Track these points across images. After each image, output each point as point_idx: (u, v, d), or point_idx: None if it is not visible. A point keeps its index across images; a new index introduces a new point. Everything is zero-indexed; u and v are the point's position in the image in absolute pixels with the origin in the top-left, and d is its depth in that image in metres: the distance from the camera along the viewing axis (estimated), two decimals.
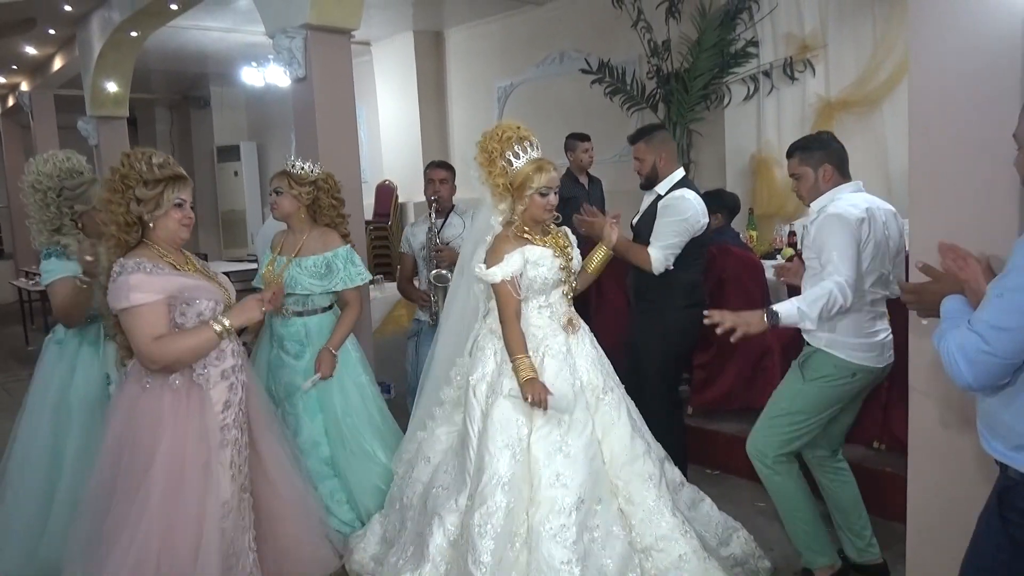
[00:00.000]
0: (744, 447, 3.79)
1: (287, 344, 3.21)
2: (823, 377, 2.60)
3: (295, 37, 4.49)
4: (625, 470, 2.56)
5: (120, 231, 2.27)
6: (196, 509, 2.24)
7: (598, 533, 2.45)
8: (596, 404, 2.62)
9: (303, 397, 3.16)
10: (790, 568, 2.95)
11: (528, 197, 2.57)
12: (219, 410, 2.34)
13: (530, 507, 2.46)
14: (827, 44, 5.44)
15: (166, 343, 2.19)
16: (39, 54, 9.37)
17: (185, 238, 2.37)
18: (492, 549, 2.38)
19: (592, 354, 2.70)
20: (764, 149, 5.70)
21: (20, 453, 3.01)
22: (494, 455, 2.48)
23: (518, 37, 7.85)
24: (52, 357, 3.07)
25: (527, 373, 2.48)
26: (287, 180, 3.17)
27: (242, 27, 8.25)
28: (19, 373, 7.15)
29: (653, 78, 6.02)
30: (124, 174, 2.25)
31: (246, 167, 11.78)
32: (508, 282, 2.56)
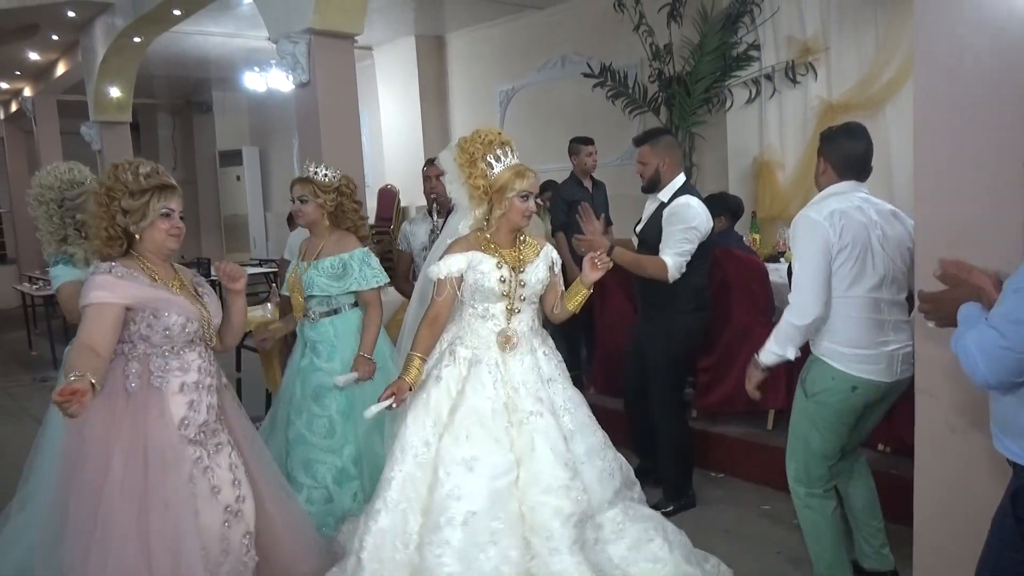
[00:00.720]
0: (748, 450, 3.82)
1: (319, 347, 3.22)
2: (823, 391, 2.51)
3: (299, 42, 4.51)
4: (534, 498, 2.44)
5: (104, 244, 2.23)
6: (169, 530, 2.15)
7: (493, 551, 2.37)
8: (518, 427, 2.50)
9: (336, 398, 3.17)
10: (800, 569, 2.94)
11: (508, 200, 2.53)
12: (176, 421, 2.24)
13: (423, 513, 2.44)
14: (829, 47, 5.45)
15: (73, 353, 2.09)
16: (42, 60, 9.39)
17: (173, 248, 2.31)
18: (373, 544, 2.43)
19: (527, 376, 2.58)
20: (766, 152, 5.71)
21: (42, 461, 3.01)
22: (399, 455, 2.51)
23: (519, 41, 7.86)
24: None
25: (407, 373, 2.50)
26: (312, 188, 3.19)
27: (244, 32, 8.27)
28: (22, 378, 7.17)
29: (655, 82, 6.03)
30: (110, 187, 2.21)
31: (248, 171, 11.81)
32: (441, 280, 2.56)
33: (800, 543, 3.07)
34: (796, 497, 2.64)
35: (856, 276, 2.44)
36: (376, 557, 2.42)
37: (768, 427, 3.92)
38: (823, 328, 2.51)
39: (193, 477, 2.25)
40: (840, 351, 2.47)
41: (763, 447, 3.77)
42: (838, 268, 2.44)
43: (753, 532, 3.26)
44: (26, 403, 6.26)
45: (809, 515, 2.63)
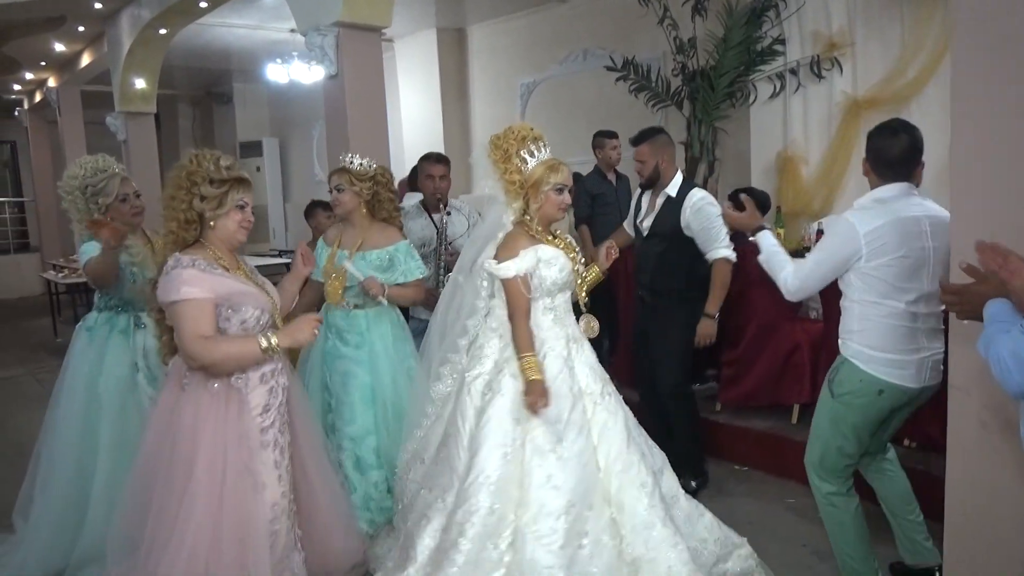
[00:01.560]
0: (772, 443, 3.84)
1: (347, 336, 3.24)
2: (849, 393, 2.49)
3: (327, 35, 4.55)
4: (619, 477, 2.51)
5: (180, 227, 2.28)
6: (241, 513, 2.24)
7: (587, 540, 2.41)
8: (593, 410, 2.59)
9: (359, 387, 3.19)
10: (825, 562, 2.97)
11: (544, 194, 2.59)
12: (257, 413, 2.33)
13: (518, 508, 2.44)
14: (855, 42, 5.42)
15: (211, 344, 2.18)
16: (67, 51, 9.49)
17: (243, 240, 2.38)
18: (468, 549, 2.39)
19: (590, 360, 2.69)
20: (790, 147, 5.68)
21: (52, 442, 3.08)
22: (485, 455, 2.48)
23: (541, 34, 7.86)
24: (82, 344, 3.14)
25: (533, 373, 2.51)
26: (348, 177, 3.22)
27: (267, 24, 8.33)
28: (49, 363, 7.27)
29: (678, 75, 6.01)
30: (191, 171, 2.27)
31: (268, 163, 11.88)
32: (520, 279, 2.57)
33: (826, 537, 3.10)
34: (818, 494, 2.65)
35: (899, 288, 2.40)
36: (472, 560, 2.41)
37: (793, 421, 3.94)
38: (854, 329, 2.50)
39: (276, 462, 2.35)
40: (869, 354, 2.45)
41: (787, 441, 3.78)
42: (878, 277, 2.40)
43: (778, 525, 3.28)
44: (52, 388, 6.36)
45: (832, 513, 2.63)
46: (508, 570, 2.41)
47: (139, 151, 8.52)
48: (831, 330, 3.67)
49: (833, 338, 3.64)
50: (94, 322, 3.16)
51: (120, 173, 3.16)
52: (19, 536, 3.13)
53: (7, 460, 4.49)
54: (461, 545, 2.41)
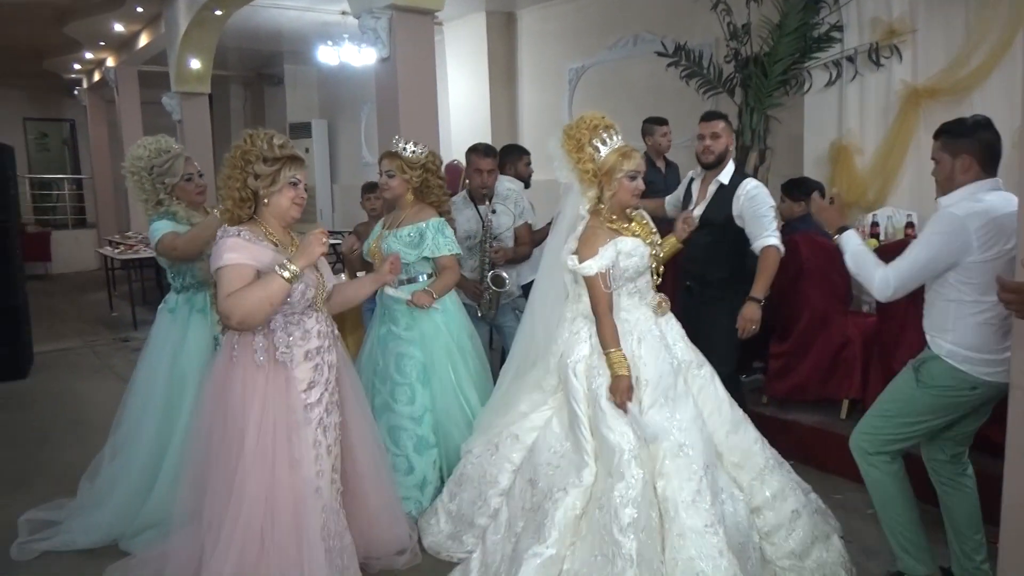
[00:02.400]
0: (820, 438, 3.80)
1: (396, 315, 3.30)
2: (941, 387, 2.48)
3: (380, 17, 4.58)
4: (729, 438, 2.70)
5: (235, 205, 2.35)
6: (290, 489, 2.30)
7: (725, 495, 2.59)
8: (692, 379, 2.73)
9: (414, 367, 3.24)
10: (873, 559, 2.93)
11: (617, 181, 2.64)
12: (302, 388, 2.38)
13: (657, 480, 2.53)
14: (916, 29, 5.27)
15: (236, 296, 2.22)
16: (126, 31, 9.70)
17: (296, 217, 2.43)
18: (635, 516, 2.43)
19: (678, 332, 2.81)
20: (845, 137, 5.56)
21: (134, 414, 3.20)
22: (617, 433, 2.54)
23: (591, 18, 7.80)
24: (165, 324, 3.26)
25: (620, 369, 2.57)
26: (400, 163, 3.25)
27: (318, 6, 8.41)
28: (105, 336, 7.51)
29: (731, 62, 5.92)
30: (245, 150, 2.33)
31: (317, 144, 12.03)
32: (602, 275, 2.62)
33: (875, 534, 3.08)
34: (859, 455, 2.63)
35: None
36: (644, 527, 2.43)
37: (842, 416, 3.89)
38: (948, 328, 2.46)
39: (316, 441, 2.39)
40: (965, 354, 2.43)
41: (836, 436, 3.73)
42: (982, 273, 2.36)
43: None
44: (109, 360, 6.57)
45: (877, 477, 2.62)
46: (665, 536, 2.45)
47: (193, 131, 8.70)
48: (884, 325, 3.63)
49: (886, 333, 3.61)
50: (175, 303, 3.27)
51: (183, 153, 3.25)
52: (80, 501, 3.25)
53: (68, 428, 4.67)
54: (627, 513, 2.42)
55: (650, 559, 2.41)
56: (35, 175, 13.88)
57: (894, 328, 3.56)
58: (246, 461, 2.26)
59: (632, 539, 2.40)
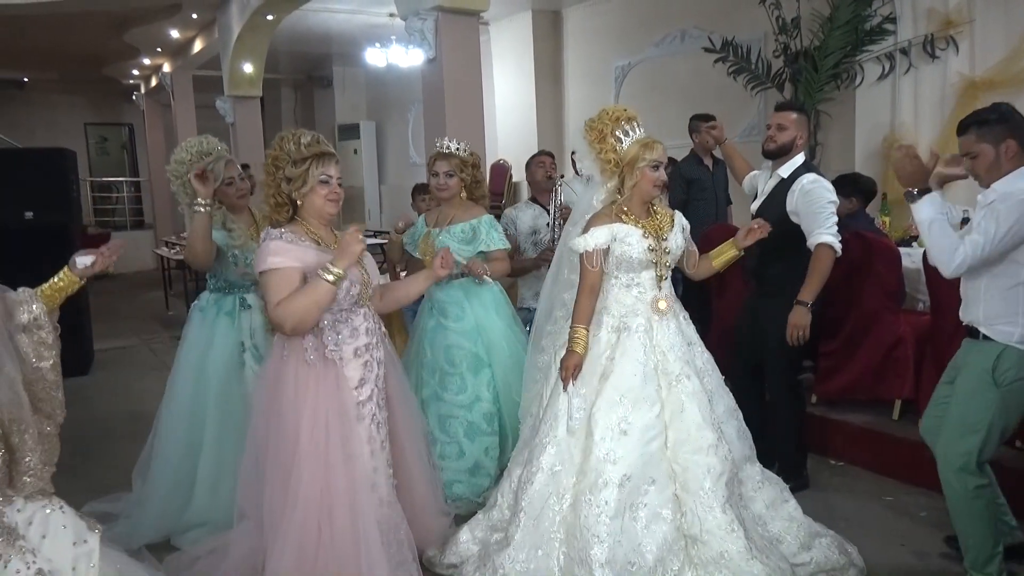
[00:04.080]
0: (871, 439, 3.71)
1: (449, 309, 3.38)
2: (1019, 379, 2.42)
3: (427, 19, 4.63)
4: (685, 458, 2.55)
5: (273, 211, 2.38)
6: (345, 484, 2.32)
7: (643, 513, 2.47)
8: (668, 389, 2.61)
9: (465, 357, 3.34)
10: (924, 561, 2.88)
11: (639, 171, 2.62)
12: (353, 386, 2.40)
13: (579, 474, 2.55)
14: (973, 19, 5.11)
15: (284, 305, 2.23)
16: (181, 37, 9.98)
17: (333, 213, 2.42)
18: (529, 503, 2.56)
19: (675, 340, 2.68)
20: (899, 131, 5.42)
21: (167, 413, 3.26)
22: (551, 420, 2.63)
23: (638, 15, 7.75)
24: (196, 322, 3.30)
25: (575, 345, 2.60)
26: (458, 163, 3.36)
27: (367, 8, 8.52)
28: (161, 334, 7.74)
29: (780, 56, 5.83)
30: (275, 156, 2.35)
31: (365, 145, 12.20)
32: (591, 253, 2.63)
33: (926, 536, 3.01)
34: (964, 488, 2.50)
35: None
36: (532, 515, 2.57)
37: (894, 417, 3.79)
38: (1019, 311, 2.41)
39: (371, 437, 2.43)
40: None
41: (888, 437, 3.65)
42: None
43: (874, 522, 3.18)
44: (165, 358, 6.76)
45: (978, 506, 2.50)
46: (568, 530, 2.53)
47: (246, 133, 8.90)
48: (939, 323, 3.53)
49: (940, 332, 3.51)
50: (206, 302, 3.31)
51: (224, 155, 3.23)
52: (135, 496, 3.33)
53: (127, 423, 4.83)
54: (524, 501, 2.59)
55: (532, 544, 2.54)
56: (95, 178, 14.37)
57: (948, 327, 3.45)
58: (301, 459, 2.29)
59: (522, 515, 2.56)
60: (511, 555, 2.55)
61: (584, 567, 2.43)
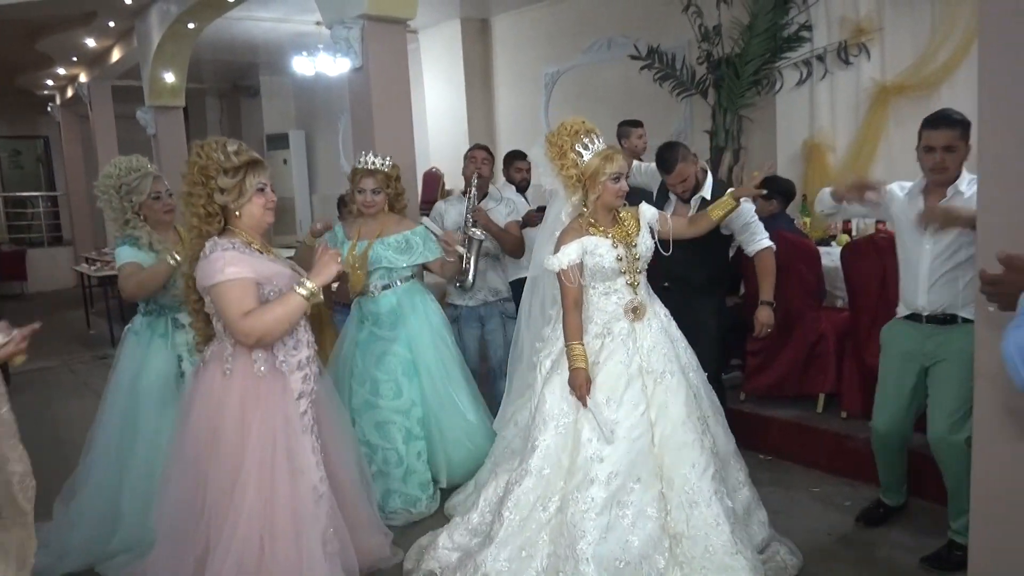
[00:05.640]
0: (797, 433, 3.83)
1: (382, 318, 3.43)
2: None
3: (352, 27, 4.58)
4: (671, 454, 2.62)
5: (202, 222, 2.28)
6: (290, 497, 2.28)
7: (629, 511, 2.53)
8: (653, 387, 2.68)
9: (400, 363, 3.39)
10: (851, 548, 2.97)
11: (602, 184, 2.67)
12: (294, 398, 2.36)
13: (567, 475, 2.60)
14: (883, 27, 5.35)
15: (256, 316, 2.18)
16: (98, 46, 9.62)
17: (271, 221, 2.38)
18: (518, 507, 2.61)
19: (657, 338, 2.75)
20: (817, 135, 5.63)
21: (97, 437, 3.19)
22: (540, 425, 2.68)
23: (565, 23, 7.84)
24: (130, 346, 3.24)
25: (577, 362, 2.63)
26: (383, 178, 3.42)
27: (293, 17, 8.38)
28: (82, 355, 7.45)
29: (703, 63, 5.98)
30: (203, 166, 2.25)
31: (294, 155, 11.97)
32: (566, 271, 2.68)
33: (850, 524, 3.14)
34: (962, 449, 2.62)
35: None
36: (519, 517, 2.61)
37: (818, 410, 3.93)
38: None
39: (314, 447, 2.38)
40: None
41: (813, 430, 3.78)
42: None
43: (803, 514, 3.28)
44: (87, 379, 6.52)
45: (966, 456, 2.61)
46: (554, 531, 2.57)
47: (168, 145, 8.64)
48: (857, 319, 3.67)
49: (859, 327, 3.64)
50: (140, 326, 3.25)
51: (153, 172, 3.23)
52: (56, 523, 3.21)
53: (45, 448, 4.60)
54: (510, 502, 2.63)
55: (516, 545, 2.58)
56: (9, 193, 13.73)
57: (866, 322, 3.61)
58: (246, 474, 2.23)
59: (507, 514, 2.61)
60: (493, 553, 2.59)
61: (570, 561, 2.47)
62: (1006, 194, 2.15)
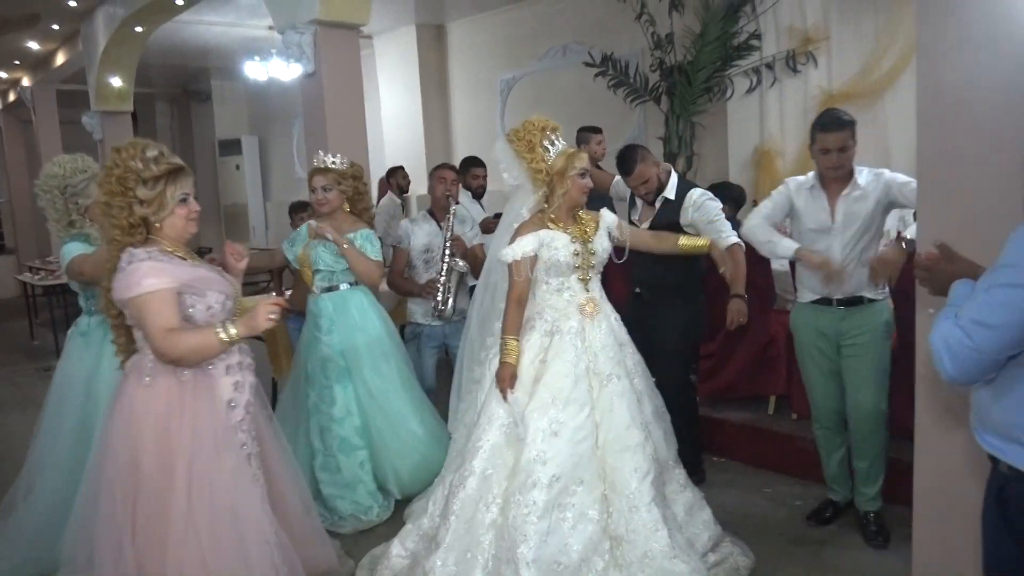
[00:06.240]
0: (749, 434, 3.89)
1: (319, 321, 3.42)
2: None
3: (305, 33, 4.54)
4: (614, 457, 2.62)
5: (124, 234, 2.15)
6: (231, 513, 2.18)
7: (570, 513, 2.53)
8: (599, 389, 2.69)
9: (335, 368, 3.36)
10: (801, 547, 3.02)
11: (570, 179, 2.70)
12: (230, 406, 2.25)
13: (511, 475, 2.59)
14: (829, 36, 5.48)
15: (175, 337, 2.09)
16: (42, 49, 9.39)
17: (194, 232, 2.27)
18: (461, 509, 2.59)
19: (606, 340, 2.75)
20: (767, 141, 5.74)
21: (44, 446, 3.05)
22: (484, 425, 2.67)
23: (521, 30, 7.87)
24: (77, 348, 3.10)
25: (507, 356, 2.66)
26: (335, 176, 3.37)
27: (245, 21, 8.28)
28: (26, 367, 7.21)
29: (656, 71, 6.05)
30: (120, 176, 2.12)
31: (247, 161, 11.80)
32: (516, 262, 2.69)
33: (800, 524, 3.19)
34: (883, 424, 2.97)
35: None
36: (464, 519, 2.58)
37: (769, 412, 3.99)
38: None
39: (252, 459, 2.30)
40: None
41: (764, 431, 3.84)
42: None
43: (756, 514, 3.33)
44: (30, 392, 6.30)
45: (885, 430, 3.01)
46: (498, 532, 2.55)
47: None
48: None
49: None
50: (87, 326, 3.12)
51: (95, 173, 3.11)
52: None
53: None
54: (455, 504, 2.60)
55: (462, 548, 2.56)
56: None
57: None
58: (178, 492, 2.12)
59: (452, 518, 2.58)
60: (442, 557, 2.57)
61: (510, 566, 2.46)
62: (942, 189, 2.23)
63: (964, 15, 2.12)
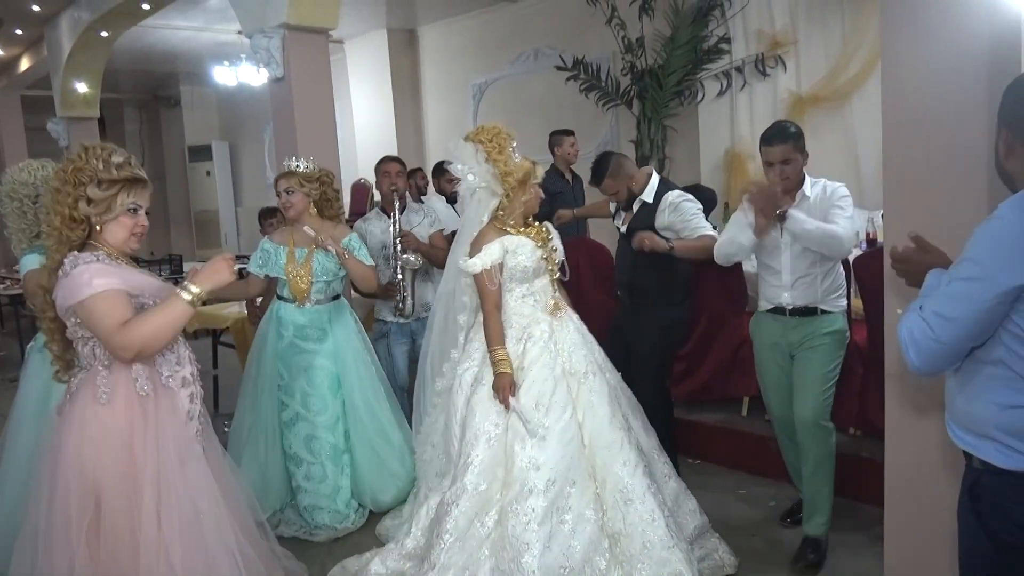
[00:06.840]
0: (723, 436, 3.90)
1: (308, 331, 3.39)
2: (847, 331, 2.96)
3: (273, 37, 4.50)
4: (602, 454, 2.62)
5: (63, 224, 2.05)
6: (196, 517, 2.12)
7: (569, 516, 2.52)
8: (577, 388, 2.68)
9: (326, 377, 3.34)
10: (776, 549, 3.03)
11: (533, 188, 2.73)
12: (188, 418, 2.18)
13: (504, 488, 2.57)
14: (797, 40, 5.55)
15: (133, 326, 1.96)
16: (5, 55, 9.23)
17: (135, 248, 2.14)
18: (455, 527, 2.54)
19: (575, 339, 2.76)
20: (738, 144, 5.80)
21: (6, 461, 2.96)
22: (471, 440, 2.63)
23: (492, 34, 7.87)
24: (35, 365, 2.99)
25: (502, 367, 2.63)
26: (297, 179, 3.33)
27: (213, 26, 8.20)
28: None
29: (627, 75, 6.09)
30: (79, 168, 2.04)
31: (218, 167, 11.69)
32: (487, 272, 2.68)
33: (775, 524, 3.20)
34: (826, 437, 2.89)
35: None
36: (458, 536, 2.54)
37: (743, 414, 4.01)
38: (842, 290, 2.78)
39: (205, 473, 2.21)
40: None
41: (738, 433, 3.85)
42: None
43: (730, 515, 3.33)
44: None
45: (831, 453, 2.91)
46: (494, 545, 2.52)
47: None
48: None
49: None
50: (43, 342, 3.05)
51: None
52: None
53: None
54: (448, 523, 2.55)
55: (459, 566, 2.51)
56: None
57: None
58: (150, 500, 2.04)
59: (446, 537, 2.53)
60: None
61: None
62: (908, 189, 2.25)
63: (926, 19, 2.14)
